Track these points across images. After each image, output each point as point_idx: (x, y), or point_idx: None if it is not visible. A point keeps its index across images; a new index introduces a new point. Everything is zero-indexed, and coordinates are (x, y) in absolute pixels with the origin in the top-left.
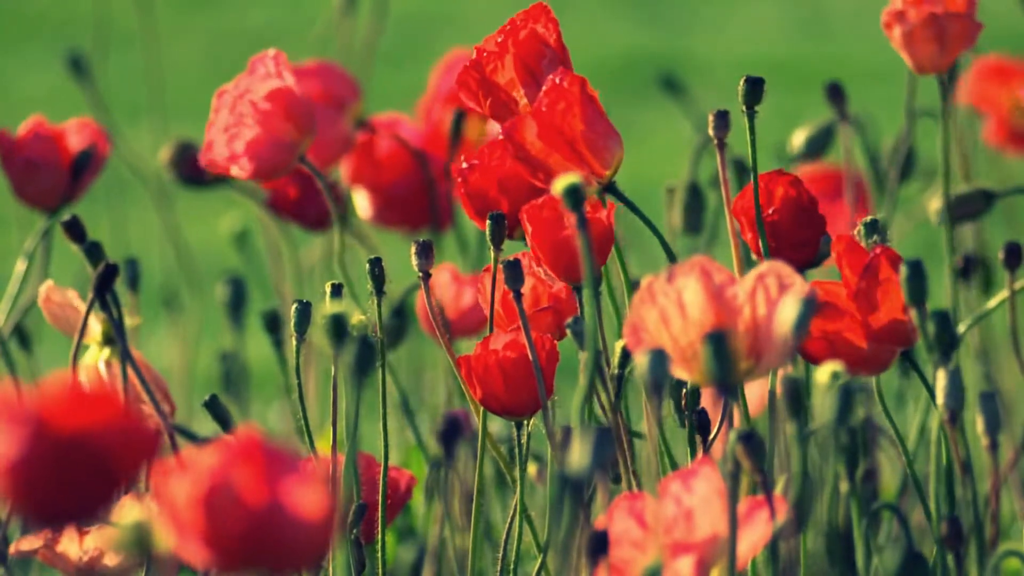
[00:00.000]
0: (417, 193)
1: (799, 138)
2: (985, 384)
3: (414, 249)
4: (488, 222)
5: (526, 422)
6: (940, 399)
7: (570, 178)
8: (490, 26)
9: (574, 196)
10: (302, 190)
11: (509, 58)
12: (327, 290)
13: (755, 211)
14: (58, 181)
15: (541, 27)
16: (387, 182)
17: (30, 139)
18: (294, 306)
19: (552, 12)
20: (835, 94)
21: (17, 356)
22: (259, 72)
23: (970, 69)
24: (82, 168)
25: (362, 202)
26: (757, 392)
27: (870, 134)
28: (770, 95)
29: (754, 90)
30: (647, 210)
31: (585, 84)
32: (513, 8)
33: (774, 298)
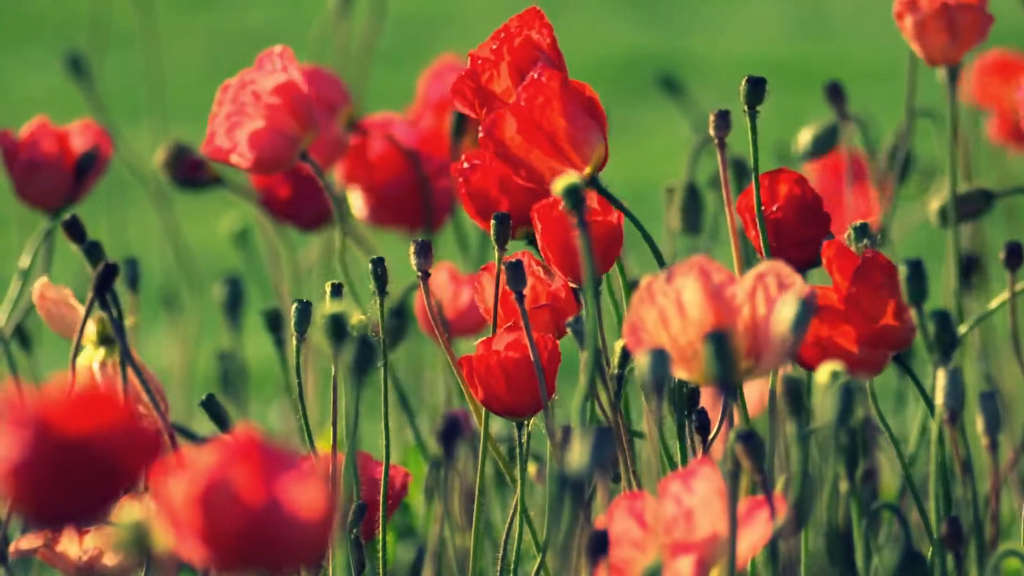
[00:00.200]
0: (411, 193)
1: (805, 137)
2: (985, 384)
3: (413, 249)
4: (493, 223)
5: (527, 422)
6: (940, 399)
7: (570, 178)
8: (489, 26)
9: (574, 196)
10: (296, 190)
11: (504, 66)
12: (327, 290)
13: (757, 209)
14: (61, 182)
15: (535, 33)
16: (380, 182)
17: (33, 140)
18: (294, 306)
19: (546, 17)
20: (835, 94)
21: (17, 357)
22: (266, 67)
23: (973, 66)
24: (86, 169)
25: (356, 202)
26: (757, 392)
27: (871, 134)
28: (770, 95)
29: (756, 90)
30: (646, 210)
31: (565, 79)
32: (512, 8)
33: (774, 298)
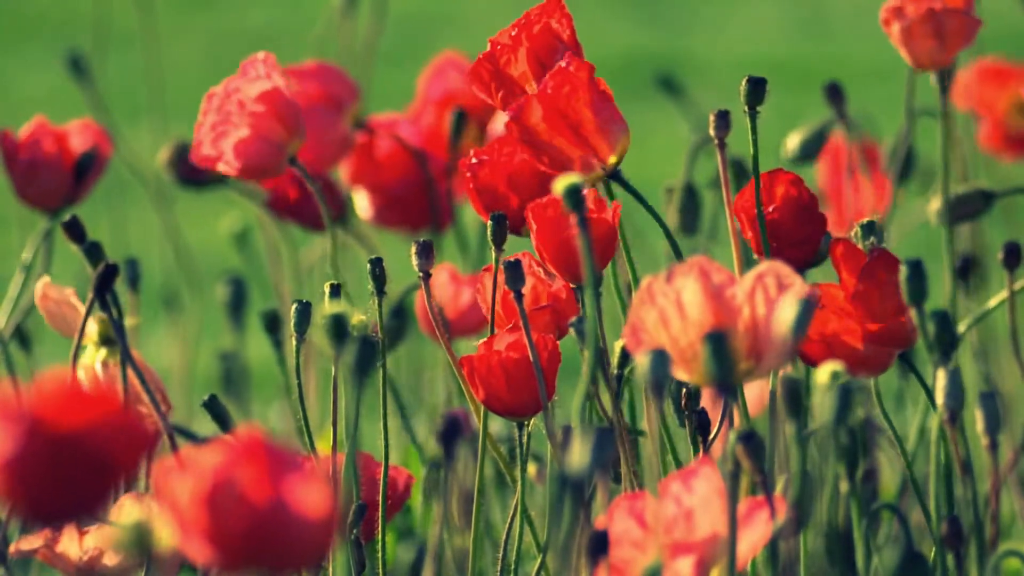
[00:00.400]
0: (417, 193)
1: (793, 141)
2: (985, 384)
3: (414, 249)
4: (490, 223)
5: (527, 422)
6: (940, 399)
7: (570, 178)
8: (489, 26)
9: (574, 196)
10: (302, 191)
11: (523, 51)
12: (327, 290)
13: (756, 210)
14: (60, 182)
15: (555, 22)
16: (387, 182)
17: (33, 140)
18: (294, 306)
19: (566, 8)
20: (834, 94)
21: (17, 357)
22: (250, 74)
23: (970, 70)
24: (86, 170)
25: (362, 202)
26: (757, 392)
27: (870, 134)
28: (770, 95)
29: (756, 90)
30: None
31: (592, 70)
32: (513, 8)
33: (773, 298)
